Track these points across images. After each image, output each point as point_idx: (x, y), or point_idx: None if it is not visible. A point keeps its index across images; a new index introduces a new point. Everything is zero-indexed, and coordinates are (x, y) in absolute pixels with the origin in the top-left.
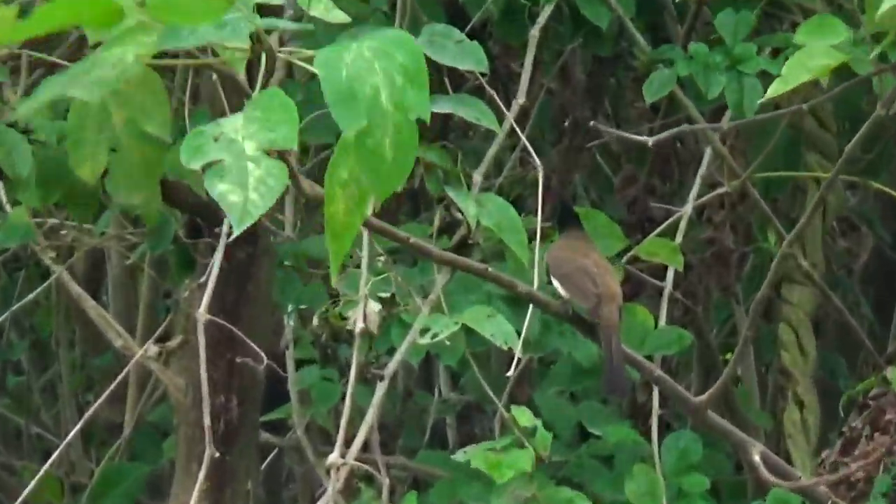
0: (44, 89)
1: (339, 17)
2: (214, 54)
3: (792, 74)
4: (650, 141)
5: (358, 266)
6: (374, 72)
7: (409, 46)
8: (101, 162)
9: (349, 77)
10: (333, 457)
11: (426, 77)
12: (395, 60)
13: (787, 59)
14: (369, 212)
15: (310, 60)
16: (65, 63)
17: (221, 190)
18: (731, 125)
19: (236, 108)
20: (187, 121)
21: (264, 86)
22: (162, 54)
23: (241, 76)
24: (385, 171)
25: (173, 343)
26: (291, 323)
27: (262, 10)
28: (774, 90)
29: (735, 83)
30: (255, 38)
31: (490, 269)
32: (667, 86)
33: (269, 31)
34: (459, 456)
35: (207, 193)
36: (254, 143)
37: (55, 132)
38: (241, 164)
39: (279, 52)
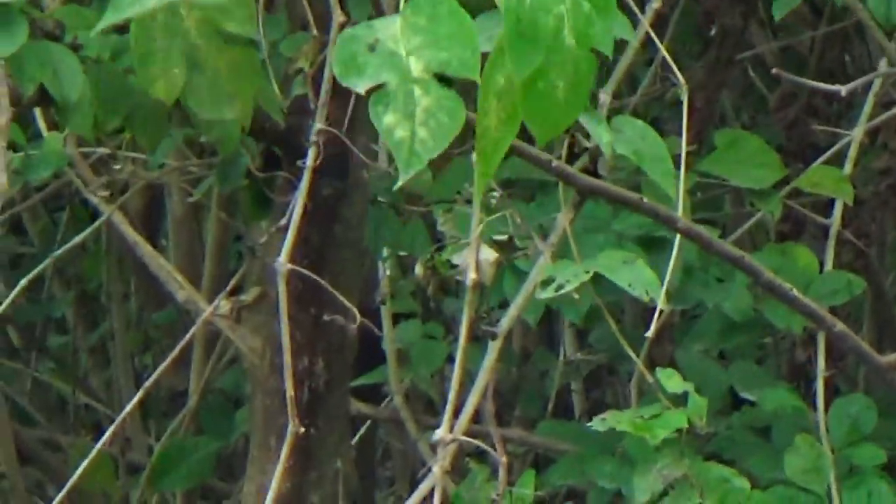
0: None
1: None
2: None
3: None
4: (843, 90)
5: (468, 202)
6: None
7: None
8: (177, 76)
9: (532, 5)
10: (440, 431)
11: (615, 2)
12: None
13: None
14: None
15: None
16: None
17: (387, 122)
18: None
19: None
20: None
21: None
22: None
23: None
24: (553, 115)
25: (247, 297)
26: (387, 271)
27: None
28: None
29: None
30: None
31: (746, 257)
32: None
33: None
34: (597, 424)
35: (286, 118)
36: (421, 62)
37: (109, 47)
38: (407, 89)
39: None
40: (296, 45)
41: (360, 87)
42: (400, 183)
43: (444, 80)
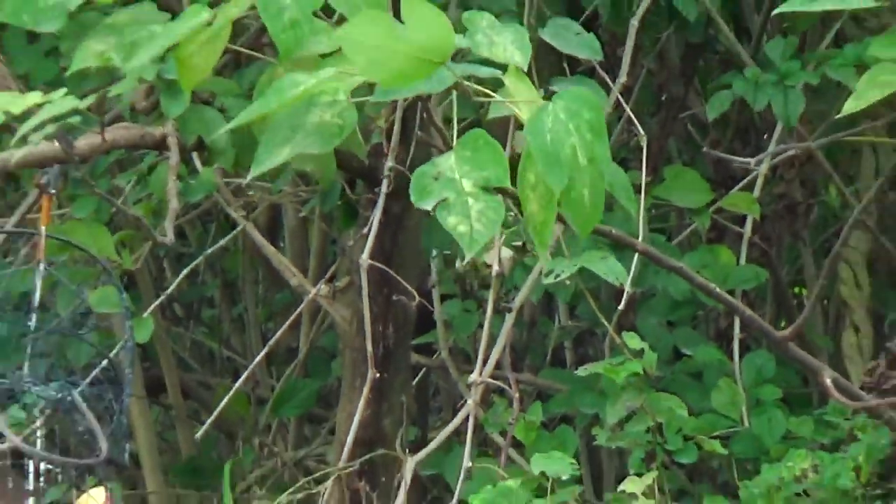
0: (264, 155)
1: (520, 59)
2: None
3: (864, 92)
4: (752, 162)
5: None
6: (570, 133)
7: (591, 103)
8: None
9: (552, 141)
10: (473, 375)
11: (605, 128)
12: (583, 118)
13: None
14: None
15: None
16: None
17: (451, 222)
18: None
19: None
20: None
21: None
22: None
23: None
24: (586, 215)
25: (340, 283)
26: (436, 264)
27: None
28: (849, 107)
29: (781, 96)
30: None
31: (684, 266)
32: (725, 104)
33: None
34: (581, 371)
35: (368, 158)
36: (470, 181)
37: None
38: (463, 200)
39: (475, 96)
40: (376, 108)
41: (430, 206)
42: (466, 259)
43: (487, 189)
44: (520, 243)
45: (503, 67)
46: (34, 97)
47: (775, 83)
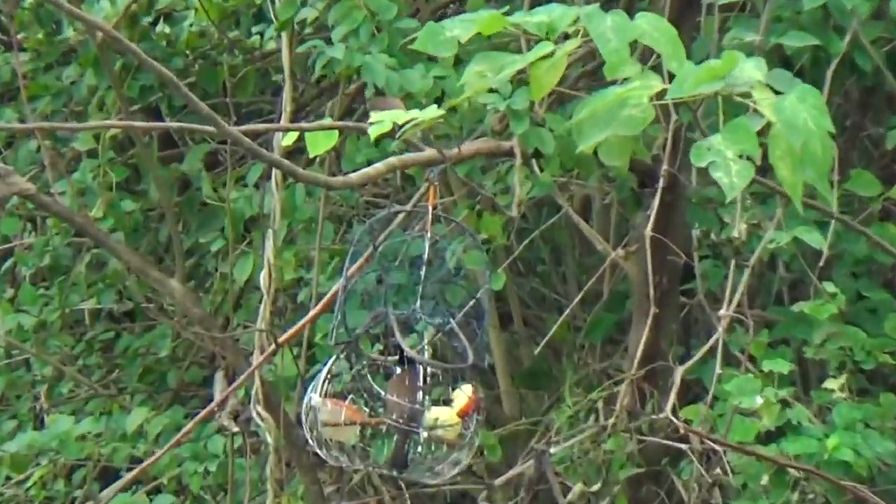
0: (588, 133)
1: (761, 78)
2: None
3: None
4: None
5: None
6: (802, 110)
7: (813, 93)
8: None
9: (791, 115)
10: (721, 311)
11: (825, 108)
12: (808, 102)
13: None
14: None
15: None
16: (571, 92)
17: (717, 175)
18: None
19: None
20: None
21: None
22: None
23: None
24: (819, 164)
25: (631, 248)
26: (696, 235)
27: None
28: None
29: None
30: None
31: (868, 231)
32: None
33: None
34: (794, 308)
35: (651, 161)
36: (731, 151)
37: (565, 130)
38: (727, 163)
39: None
40: (655, 129)
41: (703, 164)
42: (729, 198)
43: (742, 157)
44: (755, 221)
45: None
46: (413, 112)
47: None
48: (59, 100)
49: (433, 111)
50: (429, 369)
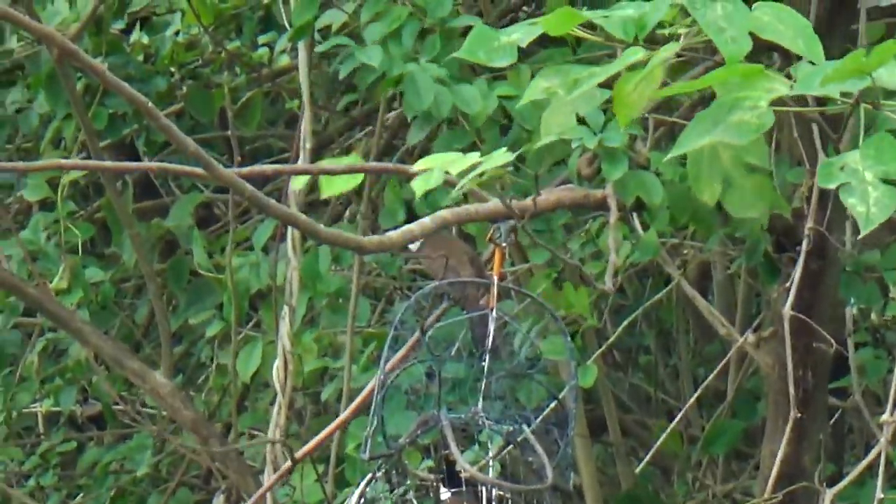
0: (685, 139)
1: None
2: (820, 104)
3: None
4: None
5: None
6: None
7: None
8: (716, 189)
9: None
10: (885, 416)
11: None
12: None
13: None
14: None
15: None
16: (684, 122)
17: (851, 202)
18: None
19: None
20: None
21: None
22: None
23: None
24: None
25: (765, 332)
26: (852, 314)
27: None
28: None
29: None
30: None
31: None
32: None
33: None
34: None
35: (791, 216)
36: (871, 173)
37: (677, 174)
38: (864, 187)
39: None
40: (796, 175)
41: (832, 186)
42: (863, 232)
43: (886, 181)
44: None
45: None
46: (473, 157)
47: None
48: (1, 132)
49: (502, 155)
50: (494, 492)
